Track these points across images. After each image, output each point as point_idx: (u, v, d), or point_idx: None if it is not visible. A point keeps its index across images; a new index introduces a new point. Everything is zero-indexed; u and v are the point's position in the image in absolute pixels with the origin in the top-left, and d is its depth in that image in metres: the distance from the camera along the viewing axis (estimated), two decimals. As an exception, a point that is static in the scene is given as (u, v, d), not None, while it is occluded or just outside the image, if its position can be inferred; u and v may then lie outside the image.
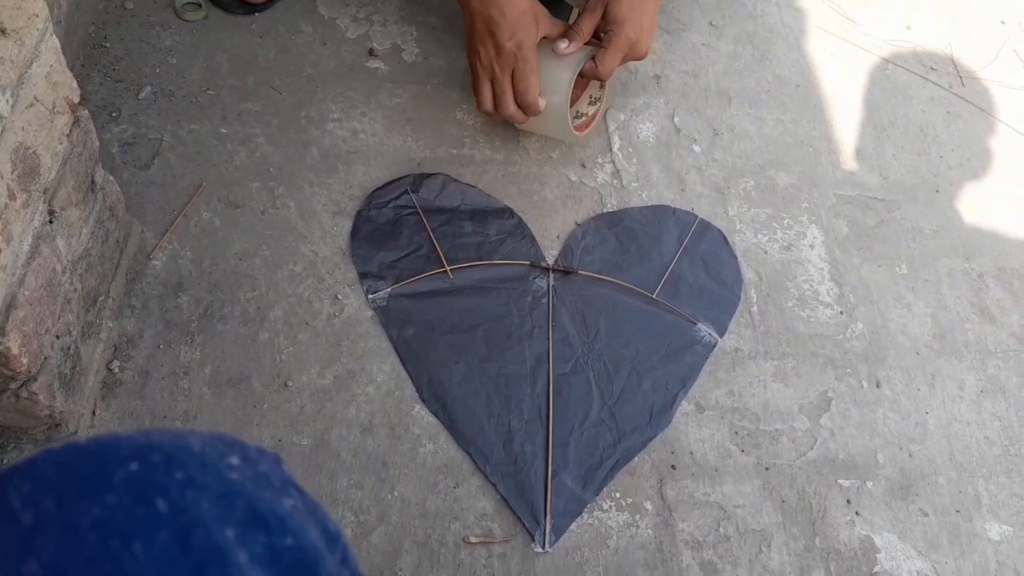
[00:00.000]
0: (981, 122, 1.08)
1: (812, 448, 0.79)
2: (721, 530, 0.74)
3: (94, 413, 0.72)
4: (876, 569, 0.74)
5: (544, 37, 0.84)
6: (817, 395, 0.83)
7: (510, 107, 0.84)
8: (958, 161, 1.03)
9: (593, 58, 0.85)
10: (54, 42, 0.60)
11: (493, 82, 0.84)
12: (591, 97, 0.94)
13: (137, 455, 0.28)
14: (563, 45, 0.84)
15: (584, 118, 0.93)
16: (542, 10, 0.84)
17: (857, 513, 0.76)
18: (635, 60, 0.89)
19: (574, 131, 0.87)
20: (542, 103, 0.84)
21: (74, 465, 0.28)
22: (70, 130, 0.64)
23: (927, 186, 1.00)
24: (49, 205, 0.62)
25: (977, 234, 0.97)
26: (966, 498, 0.79)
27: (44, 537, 0.26)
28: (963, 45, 1.15)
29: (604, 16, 0.85)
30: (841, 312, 0.88)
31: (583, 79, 0.91)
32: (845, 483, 0.78)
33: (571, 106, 0.91)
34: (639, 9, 0.84)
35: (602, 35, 0.85)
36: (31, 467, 0.28)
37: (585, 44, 0.85)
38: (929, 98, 1.08)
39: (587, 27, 0.85)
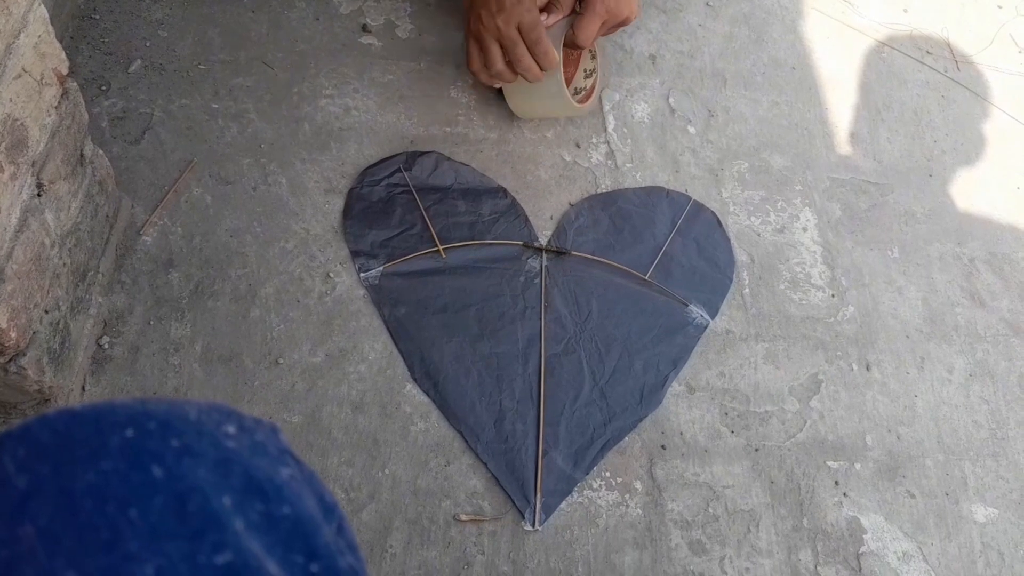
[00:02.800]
0: (976, 107, 1.07)
1: (802, 430, 0.80)
2: (710, 510, 0.75)
3: (83, 389, 0.72)
4: (862, 550, 0.75)
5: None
6: (807, 377, 0.83)
7: (525, 58, 0.82)
8: (952, 146, 1.03)
9: (572, 26, 0.84)
10: (42, 12, 0.59)
11: (501, 40, 0.82)
12: (585, 71, 0.93)
13: (133, 422, 0.28)
14: (545, 19, 0.83)
15: (583, 92, 0.92)
16: None
17: (845, 494, 0.77)
18: (620, 26, 0.88)
19: (574, 102, 0.86)
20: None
21: (69, 431, 0.28)
22: (59, 102, 0.64)
23: (920, 170, 1.00)
24: (37, 178, 0.62)
25: (969, 219, 0.97)
26: (953, 480, 0.80)
27: (39, 502, 0.26)
28: (959, 29, 1.15)
29: None
30: (833, 295, 0.89)
31: (575, 53, 0.91)
32: (834, 465, 0.78)
33: (569, 84, 0.90)
34: None
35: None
36: (25, 432, 0.28)
37: (571, 14, 0.85)
38: (924, 82, 1.08)
39: None
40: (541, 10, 0.83)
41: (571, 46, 0.86)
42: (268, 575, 0.27)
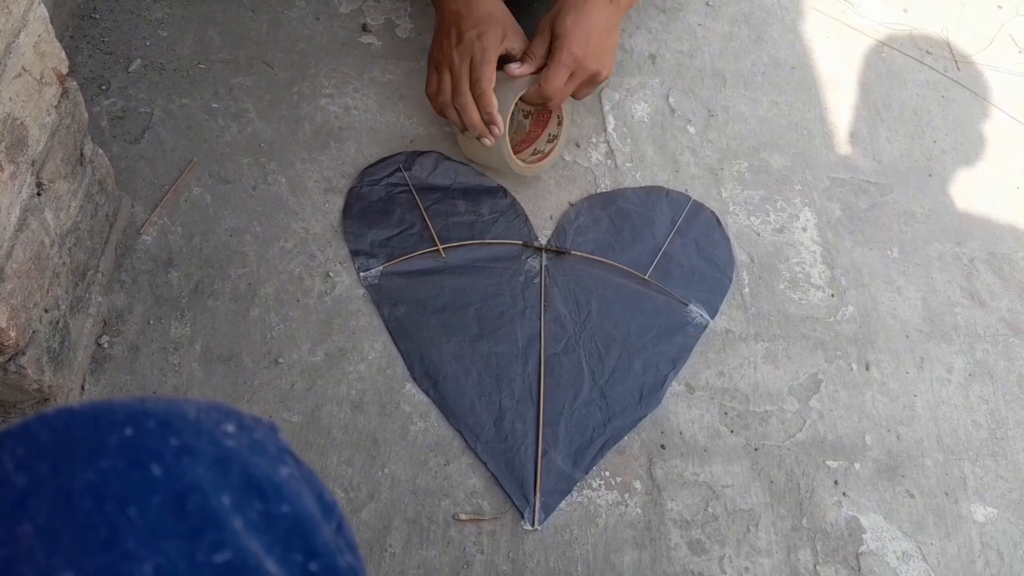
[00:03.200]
0: (975, 107, 1.07)
1: (801, 429, 0.80)
2: (709, 510, 0.75)
3: (83, 388, 0.72)
4: (862, 549, 0.75)
5: (504, 54, 0.81)
6: (807, 377, 0.83)
7: (464, 95, 0.79)
8: (951, 146, 1.03)
9: (540, 78, 0.81)
10: (42, 11, 0.59)
11: (451, 70, 0.80)
12: (549, 135, 0.89)
13: (131, 421, 0.28)
14: (514, 66, 0.81)
15: (539, 154, 0.89)
16: (513, 24, 0.82)
17: (844, 494, 0.77)
18: (592, 83, 0.84)
19: (516, 161, 0.83)
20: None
21: (68, 429, 0.28)
22: (58, 102, 0.64)
23: (920, 170, 1.00)
24: (37, 177, 0.62)
25: (968, 219, 0.97)
26: (952, 480, 0.80)
27: (38, 500, 0.26)
28: (959, 29, 1.15)
29: (551, 34, 0.81)
30: (832, 295, 0.89)
31: (545, 114, 0.88)
32: (833, 464, 0.78)
33: (530, 144, 0.87)
34: (585, 24, 0.80)
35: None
36: (24, 431, 0.28)
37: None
38: (924, 82, 1.08)
39: (539, 50, 0.81)
40: (514, 60, 0.81)
41: (539, 103, 0.83)
42: (267, 574, 0.27)
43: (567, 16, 0.80)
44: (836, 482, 0.78)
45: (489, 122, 0.79)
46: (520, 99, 0.82)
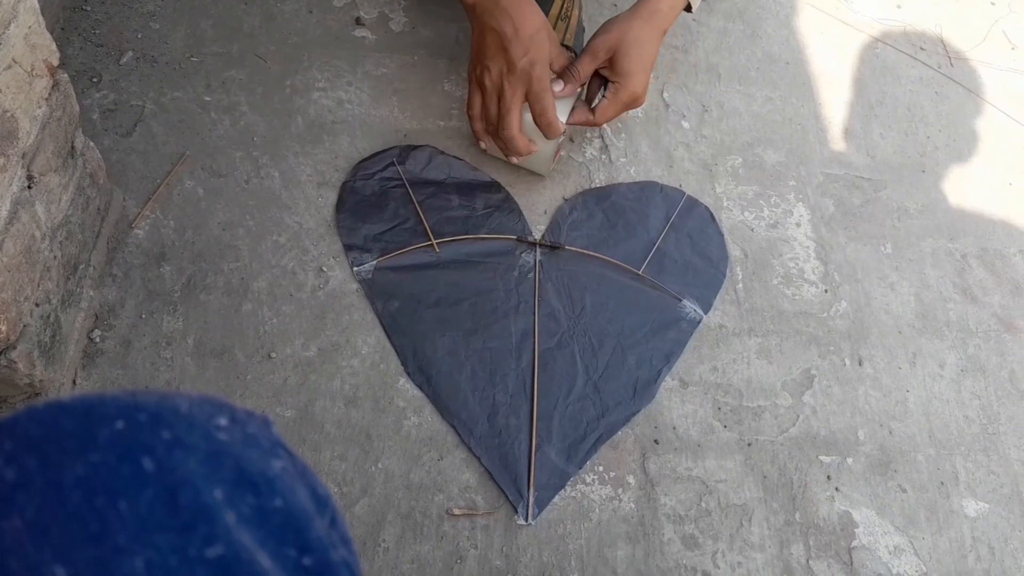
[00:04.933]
0: (968, 103, 1.08)
1: (794, 424, 0.80)
2: (703, 504, 0.75)
3: (75, 383, 0.72)
4: (854, 544, 0.75)
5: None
6: (800, 372, 0.83)
7: (513, 128, 0.80)
8: (945, 142, 1.03)
9: (592, 107, 0.83)
10: (33, 2, 0.59)
11: (500, 100, 0.80)
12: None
13: (123, 414, 0.28)
14: (558, 87, 0.81)
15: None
16: (552, 33, 0.81)
17: (837, 489, 0.77)
18: (631, 109, 0.87)
19: (550, 166, 0.88)
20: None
21: (58, 423, 0.28)
22: (49, 94, 0.63)
23: (913, 166, 1.00)
24: (28, 170, 0.61)
25: (961, 215, 0.98)
26: (944, 475, 0.80)
27: (27, 494, 0.26)
28: (953, 25, 1.15)
29: (611, 66, 0.81)
30: (826, 290, 0.89)
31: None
32: (826, 459, 0.79)
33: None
34: (645, 63, 0.81)
35: (607, 83, 0.83)
36: (13, 424, 0.28)
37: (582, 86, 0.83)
38: (918, 78, 1.08)
39: (586, 70, 0.82)
40: (556, 76, 0.81)
41: (580, 123, 0.84)
42: (260, 568, 0.27)
43: (630, 53, 0.80)
44: (829, 477, 0.78)
45: (528, 152, 0.83)
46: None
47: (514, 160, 0.85)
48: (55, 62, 0.63)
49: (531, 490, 0.72)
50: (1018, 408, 0.85)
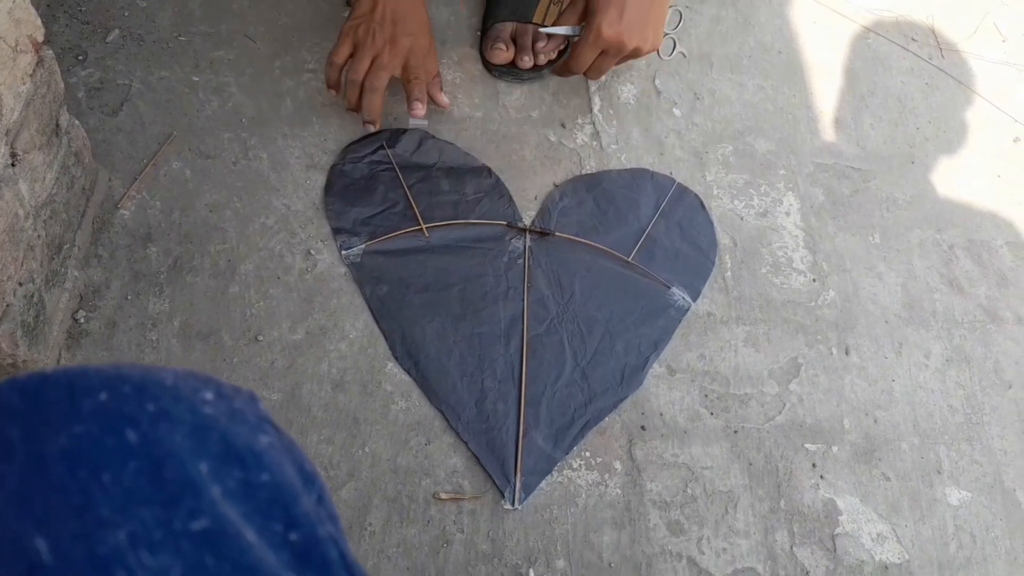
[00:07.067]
0: (959, 95, 1.08)
1: (780, 412, 0.80)
2: (688, 491, 0.75)
3: (59, 363, 0.71)
4: (838, 531, 0.75)
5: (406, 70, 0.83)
6: (787, 361, 0.83)
7: (376, 92, 0.81)
8: (934, 133, 1.04)
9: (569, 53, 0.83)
10: (17, -24, 0.58)
11: (374, 61, 0.81)
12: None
13: (107, 386, 0.28)
14: (417, 111, 0.83)
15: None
16: (433, 44, 0.85)
17: (822, 477, 0.78)
18: (630, 57, 0.82)
19: None
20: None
21: (40, 394, 0.27)
22: (33, 70, 0.62)
23: (903, 157, 1.01)
24: (11, 147, 0.60)
25: (949, 206, 0.98)
26: (928, 464, 0.81)
27: (8, 465, 0.25)
28: (944, 16, 1.15)
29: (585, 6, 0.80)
30: (814, 280, 0.89)
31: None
32: (811, 447, 0.79)
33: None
34: (621, 1, 0.75)
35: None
36: None
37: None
38: (909, 69, 1.08)
39: (571, 20, 0.83)
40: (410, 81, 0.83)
41: (565, 72, 0.85)
42: (246, 543, 0.26)
43: None
44: (814, 465, 0.78)
45: (369, 122, 0.84)
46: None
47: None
48: (40, 38, 0.62)
49: (518, 475, 0.72)
50: (1002, 398, 0.86)
